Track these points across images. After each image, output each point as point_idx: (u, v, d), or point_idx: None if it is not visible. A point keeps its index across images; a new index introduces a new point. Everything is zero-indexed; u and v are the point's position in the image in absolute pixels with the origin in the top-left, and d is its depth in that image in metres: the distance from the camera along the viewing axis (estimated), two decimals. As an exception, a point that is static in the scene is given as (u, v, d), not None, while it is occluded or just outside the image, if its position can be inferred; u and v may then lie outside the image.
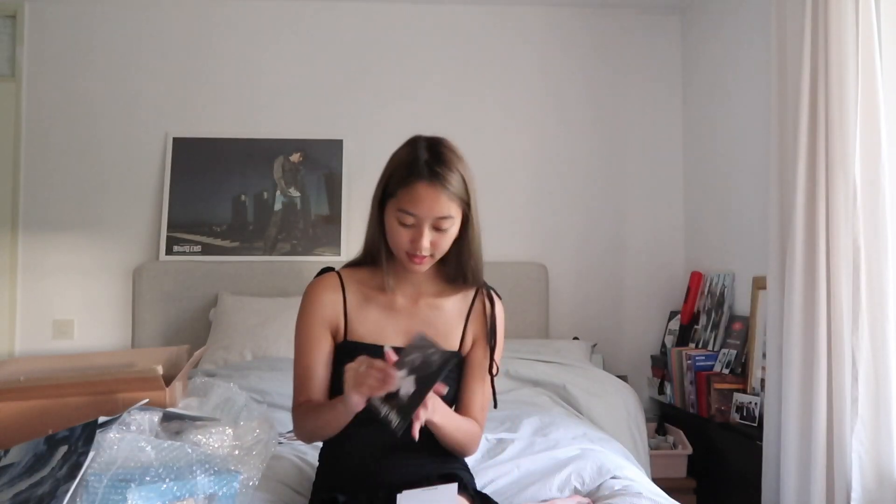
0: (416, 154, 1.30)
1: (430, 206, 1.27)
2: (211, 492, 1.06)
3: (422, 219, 1.28)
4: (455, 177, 1.29)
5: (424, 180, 1.27)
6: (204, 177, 3.33)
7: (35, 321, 3.24)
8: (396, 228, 1.30)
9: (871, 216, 1.97)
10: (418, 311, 1.41)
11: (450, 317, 1.42)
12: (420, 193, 1.27)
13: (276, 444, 1.73)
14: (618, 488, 1.58)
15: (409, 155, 1.31)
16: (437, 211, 1.28)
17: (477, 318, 1.45)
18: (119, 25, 3.37)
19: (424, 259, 1.31)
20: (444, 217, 1.29)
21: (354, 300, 1.40)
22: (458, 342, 1.42)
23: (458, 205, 1.31)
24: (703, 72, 3.36)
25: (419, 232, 1.29)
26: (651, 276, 3.48)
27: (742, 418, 2.56)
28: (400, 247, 1.31)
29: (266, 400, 2.23)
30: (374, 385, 1.14)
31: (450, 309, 1.42)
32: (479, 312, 1.45)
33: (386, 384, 1.13)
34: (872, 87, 1.97)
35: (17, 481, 1.10)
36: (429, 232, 1.29)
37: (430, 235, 1.29)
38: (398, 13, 3.47)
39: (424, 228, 1.29)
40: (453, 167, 1.30)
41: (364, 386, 1.15)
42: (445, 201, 1.28)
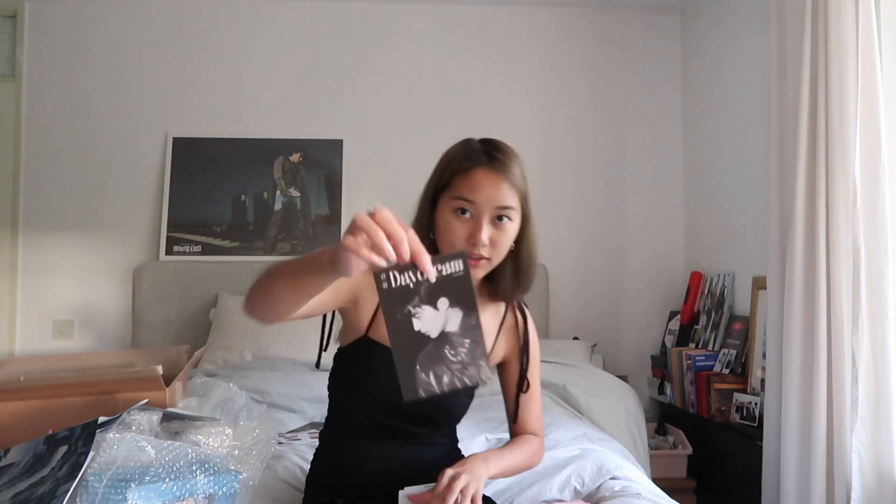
0: (473, 144, 1.24)
1: (491, 192, 1.17)
2: (211, 492, 1.06)
3: (481, 207, 1.17)
4: (516, 167, 1.21)
5: (484, 165, 1.18)
6: (204, 177, 3.33)
7: (35, 321, 3.24)
8: (452, 223, 1.18)
9: (871, 216, 1.97)
10: None
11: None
12: (480, 178, 1.17)
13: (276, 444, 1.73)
14: (618, 489, 1.58)
15: (466, 145, 1.24)
16: (497, 198, 1.17)
17: (508, 334, 1.38)
18: (119, 25, 3.37)
19: (481, 260, 1.19)
20: (504, 207, 1.18)
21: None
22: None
23: (519, 198, 1.21)
24: (703, 71, 3.36)
25: (477, 224, 1.17)
26: (651, 276, 3.48)
27: (742, 418, 2.56)
28: (455, 244, 1.18)
29: (266, 400, 2.23)
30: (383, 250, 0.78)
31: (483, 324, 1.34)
32: (511, 327, 1.38)
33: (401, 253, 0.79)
34: (872, 87, 1.97)
35: (16, 481, 1.10)
36: (488, 225, 1.17)
37: (489, 230, 1.17)
38: (399, 13, 3.47)
39: (483, 220, 1.17)
40: (513, 158, 1.22)
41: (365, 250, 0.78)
42: (507, 189, 1.18)
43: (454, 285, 0.82)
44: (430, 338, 0.83)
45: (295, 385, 2.45)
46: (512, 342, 1.38)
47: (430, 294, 0.82)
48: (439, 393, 0.82)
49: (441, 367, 0.83)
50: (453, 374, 0.84)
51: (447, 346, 0.83)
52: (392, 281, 0.80)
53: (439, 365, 0.83)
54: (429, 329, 0.82)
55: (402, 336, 0.81)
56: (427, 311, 0.82)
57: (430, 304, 0.82)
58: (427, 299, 0.82)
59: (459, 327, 0.83)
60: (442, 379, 0.83)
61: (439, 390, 0.83)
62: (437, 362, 0.83)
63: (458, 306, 0.83)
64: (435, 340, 0.83)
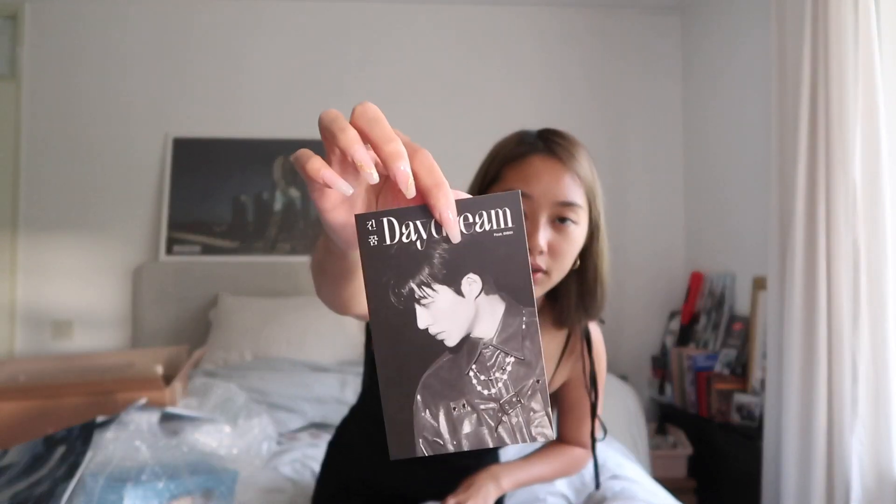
0: (526, 132, 1.02)
1: (550, 184, 0.93)
2: (208, 489, 1.06)
3: (538, 203, 0.93)
4: (583, 156, 0.98)
5: (541, 152, 0.96)
6: (204, 177, 3.33)
7: (35, 321, 3.24)
8: None
9: (871, 216, 1.97)
10: None
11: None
12: (536, 167, 0.93)
13: (275, 443, 1.73)
14: (618, 489, 1.58)
15: (518, 134, 1.02)
16: (558, 192, 0.93)
17: (570, 360, 1.17)
18: (119, 26, 3.37)
19: (538, 273, 0.93)
20: (567, 203, 0.94)
21: None
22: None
23: (586, 195, 0.97)
24: (703, 72, 3.36)
25: (534, 225, 0.92)
26: (651, 277, 3.48)
27: (742, 418, 2.56)
28: None
29: (266, 400, 2.23)
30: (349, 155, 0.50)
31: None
32: (575, 353, 1.17)
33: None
34: (872, 87, 1.97)
35: (15, 481, 1.10)
36: (546, 226, 0.92)
37: (548, 233, 0.93)
38: (399, 13, 3.47)
39: (541, 220, 0.92)
40: (578, 146, 1.00)
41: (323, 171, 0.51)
42: (570, 181, 0.95)
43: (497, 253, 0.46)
44: (445, 346, 0.47)
45: (295, 385, 2.45)
46: (574, 368, 1.17)
47: (451, 265, 0.47)
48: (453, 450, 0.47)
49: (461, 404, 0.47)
50: (482, 419, 0.47)
51: (475, 367, 0.47)
52: (385, 233, 0.47)
53: (458, 399, 0.47)
54: (444, 329, 0.47)
55: (396, 337, 0.47)
56: (443, 296, 0.47)
57: (450, 283, 0.46)
58: (444, 274, 0.47)
59: (499, 333, 0.47)
60: (461, 426, 0.47)
61: (453, 446, 0.47)
62: (456, 393, 0.47)
63: (499, 292, 0.47)
64: (453, 352, 0.47)
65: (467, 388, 0.46)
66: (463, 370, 0.46)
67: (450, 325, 0.46)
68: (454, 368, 0.46)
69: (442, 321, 0.46)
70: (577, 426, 1.25)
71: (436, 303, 0.46)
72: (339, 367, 2.67)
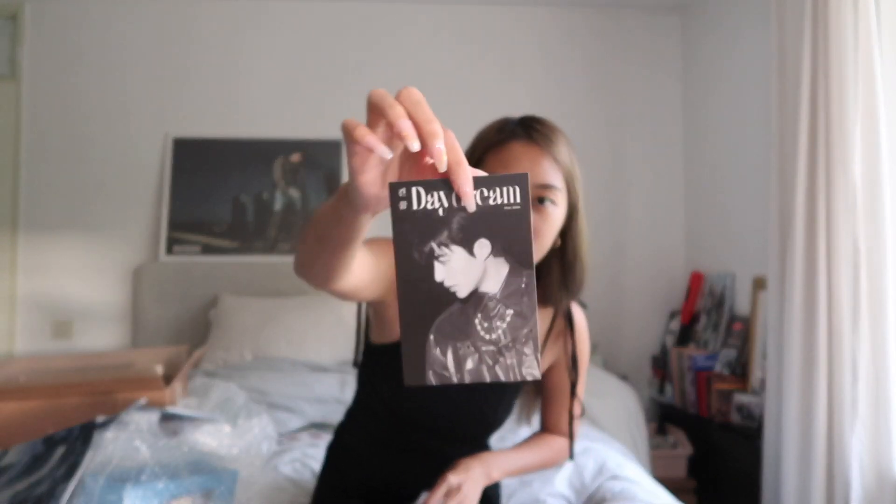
0: (507, 120, 1.07)
1: (529, 168, 0.99)
2: (208, 489, 1.06)
3: None
4: (561, 141, 1.02)
5: (521, 138, 1.01)
6: (204, 177, 3.33)
7: (35, 321, 3.24)
8: None
9: (871, 216, 1.97)
10: None
11: None
12: (516, 153, 0.99)
13: (275, 443, 1.73)
14: (618, 489, 1.58)
15: (499, 122, 1.07)
16: (536, 174, 0.99)
17: (555, 341, 1.22)
18: (119, 26, 3.37)
19: None
20: (546, 185, 0.99)
21: None
22: None
23: (564, 178, 1.03)
24: (703, 72, 3.36)
25: None
26: (651, 277, 3.48)
27: (742, 418, 2.56)
28: None
29: (266, 400, 2.23)
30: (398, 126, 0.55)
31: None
32: (559, 334, 1.22)
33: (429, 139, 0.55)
34: (872, 87, 1.97)
35: (15, 481, 1.10)
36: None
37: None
38: (399, 12, 3.47)
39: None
40: (557, 132, 1.04)
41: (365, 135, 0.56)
42: (548, 165, 1.00)
43: (503, 221, 0.56)
44: (456, 297, 0.56)
45: (295, 385, 2.45)
46: (560, 349, 1.22)
47: (466, 230, 0.56)
48: (456, 382, 0.56)
49: (466, 345, 0.57)
50: (482, 358, 0.56)
51: (479, 315, 0.56)
52: (413, 201, 0.55)
53: (464, 340, 0.57)
54: (456, 283, 0.56)
55: (416, 288, 0.56)
56: (457, 255, 0.56)
57: (464, 245, 0.56)
58: (460, 237, 0.56)
59: (502, 288, 0.56)
60: (464, 363, 0.56)
61: (457, 378, 0.56)
62: (462, 336, 0.57)
63: (504, 255, 0.56)
64: (463, 302, 0.57)
65: (472, 332, 0.56)
66: (470, 318, 0.56)
67: (462, 280, 0.56)
68: (463, 316, 0.56)
69: (455, 276, 0.56)
70: (560, 412, 1.27)
71: (451, 261, 0.56)
72: (339, 367, 2.67)
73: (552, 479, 1.65)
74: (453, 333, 0.56)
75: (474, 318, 0.56)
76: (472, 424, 1.21)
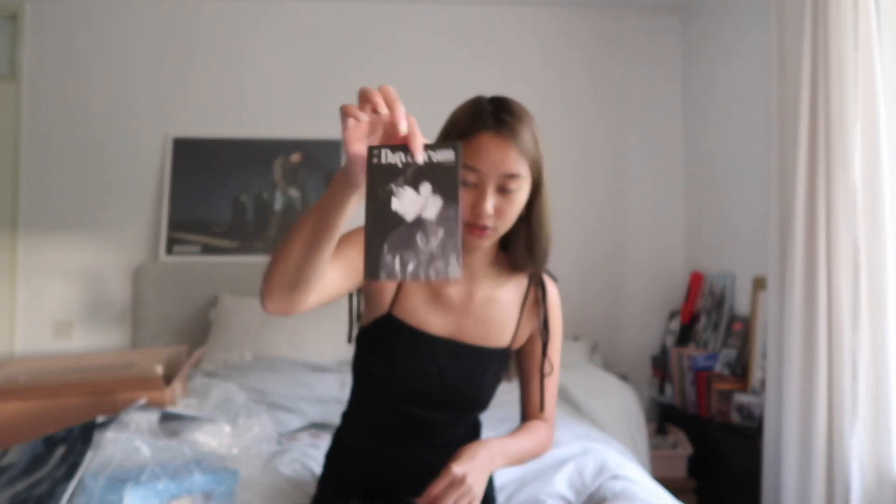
0: (481, 106, 1.16)
1: (497, 159, 1.10)
2: (208, 490, 1.06)
3: (486, 175, 1.10)
4: (526, 131, 1.13)
5: (490, 130, 1.11)
6: (204, 177, 3.33)
7: (35, 321, 3.24)
8: None
9: (871, 216, 1.97)
10: (472, 304, 1.25)
11: (504, 309, 1.27)
12: (485, 145, 1.10)
13: (275, 443, 1.73)
14: (619, 489, 1.58)
15: (473, 107, 1.16)
16: (504, 166, 1.10)
17: (532, 310, 1.30)
18: (119, 26, 3.37)
19: (486, 230, 1.12)
20: (511, 175, 1.11)
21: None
22: (510, 337, 1.28)
23: (529, 165, 1.13)
24: (703, 72, 3.36)
25: (482, 193, 1.10)
26: (651, 276, 3.48)
27: (742, 418, 2.56)
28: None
29: (266, 400, 2.23)
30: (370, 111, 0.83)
31: (505, 300, 1.28)
32: (534, 302, 1.31)
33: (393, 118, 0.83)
34: (872, 87, 1.97)
35: (15, 481, 1.10)
36: (493, 194, 1.11)
37: (495, 199, 1.11)
38: (399, 12, 3.47)
39: (488, 189, 1.10)
40: (524, 120, 1.14)
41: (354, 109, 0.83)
42: (513, 156, 1.11)
43: (441, 173, 0.81)
44: (404, 220, 0.80)
45: (295, 385, 2.44)
46: (535, 318, 1.30)
47: (416, 177, 0.81)
48: (400, 278, 0.79)
49: (409, 253, 0.80)
50: (420, 262, 0.80)
51: (420, 233, 0.80)
52: (382, 157, 0.81)
53: (408, 250, 0.80)
54: (405, 211, 0.80)
55: (378, 213, 0.80)
56: (408, 193, 0.81)
57: (413, 186, 0.81)
58: (411, 181, 0.81)
59: (437, 216, 0.81)
60: (407, 265, 0.80)
61: (401, 275, 0.79)
62: (406, 247, 0.80)
63: (439, 194, 0.81)
64: (409, 224, 0.80)
65: (414, 244, 0.80)
66: (413, 234, 0.80)
67: (409, 209, 0.80)
68: (408, 233, 0.80)
69: (405, 206, 0.80)
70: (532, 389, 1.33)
71: (403, 196, 0.81)
72: (339, 367, 2.67)
73: (552, 480, 1.64)
74: (401, 245, 0.80)
75: (416, 234, 0.80)
76: (461, 394, 1.25)
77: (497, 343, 1.27)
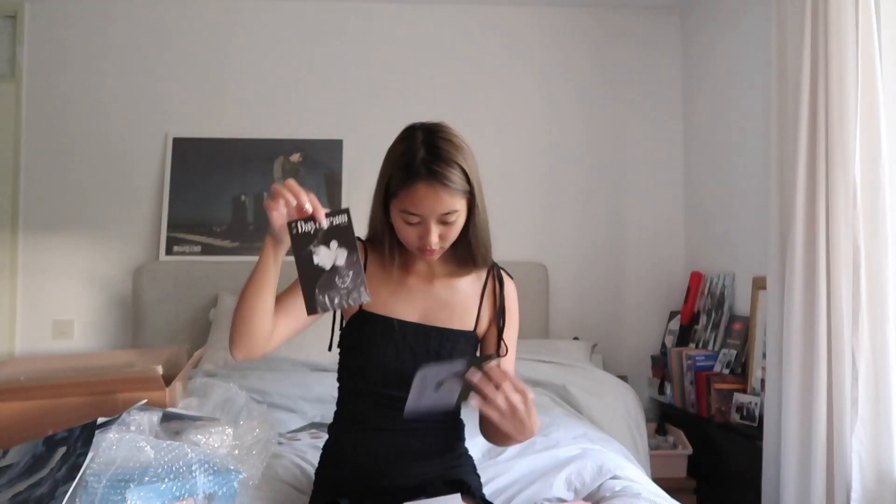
0: (413, 152, 1.26)
1: (433, 205, 1.25)
2: (210, 491, 1.06)
3: (426, 217, 1.26)
4: (455, 172, 1.26)
5: (423, 181, 1.24)
6: (204, 177, 3.33)
7: (35, 321, 3.24)
8: (403, 227, 1.28)
9: (871, 216, 1.97)
10: (434, 291, 1.39)
11: (465, 296, 1.41)
12: (421, 194, 1.24)
13: (275, 443, 1.73)
14: (618, 489, 1.58)
15: (406, 153, 1.27)
16: (439, 209, 1.25)
17: (490, 299, 1.44)
18: (119, 26, 3.37)
19: (435, 251, 1.30)
20: (447, 213, 1.27)
21: (373, 270, 1.37)
22: (473, 322, 1.42)
23: (462, 197, 1.28)
24: (703, 72, 3.36)
25: (426, 229, 1.27)
26: (651, 277, 3.48)
27: (742, 418, 2.56)
28: (410, 243, 1.30)
29: (266, 400, 2.23)
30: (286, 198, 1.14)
31: (464, 289, 1.42)
32: (492, 292, 1.45)
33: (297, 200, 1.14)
34: (872, 87, 1.97)
35: (15, 482, 1.10)
36: (435, 227, 1.27)
37: (438, 230, 1.28)
38: (399, 13, 3.47)
39: (431, 225, 1.27)
40: (452, 162, 1.26)
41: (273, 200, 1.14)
42: (447, 199, 1.25)
43: (341, 231, 1.13)
44: (324, 269, 1.13)
45: (295, 385, 2.45)
46: (493, 306, 1.45)
47: (325, 237, 1.13)
48: (332, 310, 1.14)
49: (332, 292, 1.12)
50: (341, 296, 1.12)
51: (337, 276, 1.13)
52: (299, 228, 1.13)
53: (332, 290, 1.12)
54: (324, 263, 1.13)
55: (306, 268, 1.12)
56: (322, 250, 1.13)
57: (325, 244, 1.13)
58: (322, 240, 1.13)
59: (345, 262, 1.13)
60: (334, 300, 1.12)
61: (331, 308, 1.13)
62: (330, 288, 1.12)
63: (344, 247, 1.13)
64: (328, 271, 1.13)
65: (334, 285, 1.13)
66: (333, 278, 1.13)
67: (326, 261, 1.14)
68: (328, 278, 1.13)
69: (322, 259, 1.13)
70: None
71: (320, 253, 1.14)
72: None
73: (551, 481, 1.65)
74: (326, 287, 1.13)
75: (335, 278, 1.13)
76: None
77: (461, 325, 1.40)
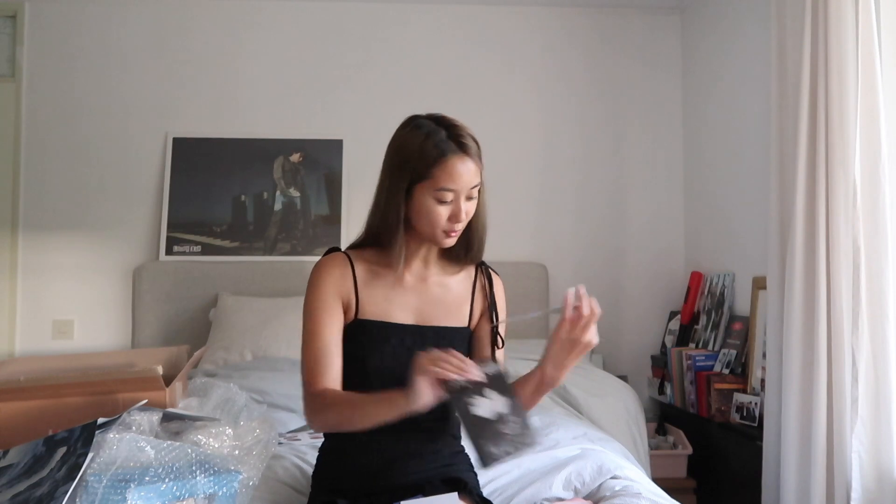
0: (434, 133, 1.30)
1: (468, 177, 1.29)
2: (211, 492, 1.06)
3: (459, 192, 1.29)
4: (476, 143, 1.32)
5: (455, 154, 1.28)
6: (204, 177, 3.33)
7: (35, 321, 3.24)
8: (434, 209, 1.29)
9: (871, 216, 1.97)
10: (428, 290, 1.41)
11: (457, 294, 1.44)
12: (457, 168, 1.27)
13: (276, 444, 1.73)
14: (618, 489, 1.58)
15: (428, 137, 1.30)
16: (472, 180, 1.30)
17: (481, 294, 1.48)
18: (119, 26, 3.37)
19: (457, 232, 1.34)
20: (474, 186, 1.31)
21: (363, 277, 1.37)
22: (467, 318, 1.44)
23: (482, 171, 1.34)
24: (702, 71, 3.36)
25: (458, 206, 1.30)
26: (651, 276, 3.48)
27: (742, 418, 2.56)
28: (437, 226, 1.30)
29: (266, 400, 2.23)
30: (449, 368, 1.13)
31: (456, 286, 1.44)
32: (482, 288, 1.48)
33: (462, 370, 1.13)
34: (872, 87, 1.97)
35: (15, 482, 1.10)
36: (464, 204, 1.31)
37: (466, 206, 1.31)
38: (398, 12, 3.47)
39: (461, 202, 1.30)
40: (469, 135, 1.32)
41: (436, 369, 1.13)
42: (476, 170, 1.31)
43: (496, 380, 1.17)
44: (487, 419, 1.13)
45: (295, 385, 2.42)
46: (483, 302, 1.49)
47: (480, 389, 1.15)
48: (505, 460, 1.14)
49: (501, 440, 1.12)
50: (510, 443, 1.12)
51: (501, 424, 1.13)
52: (455, 384, 1.14)
53: (499, 438, 1.12)
54: (485, 413, 1.13)
55: (469, 422, 1.12)
56: (479, 401, 1.14)
57: (481, 395, 1.14)
58: (479, 392, 1.14)
59: (508, 409, 1.15)
60: (505, 449, 1.12)
61: (504, 458, 1.12)
62: (498, 437, 1.12)
63: (504, 395, 1.16)
64: (492, 421, 1.13)
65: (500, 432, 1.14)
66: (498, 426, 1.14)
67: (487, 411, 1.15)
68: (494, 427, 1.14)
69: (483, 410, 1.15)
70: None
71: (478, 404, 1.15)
72: (339, 367, 2.66)
73: (551, 481, 1.65)
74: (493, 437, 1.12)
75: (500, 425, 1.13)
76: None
77: (457, 323, 1.42)
